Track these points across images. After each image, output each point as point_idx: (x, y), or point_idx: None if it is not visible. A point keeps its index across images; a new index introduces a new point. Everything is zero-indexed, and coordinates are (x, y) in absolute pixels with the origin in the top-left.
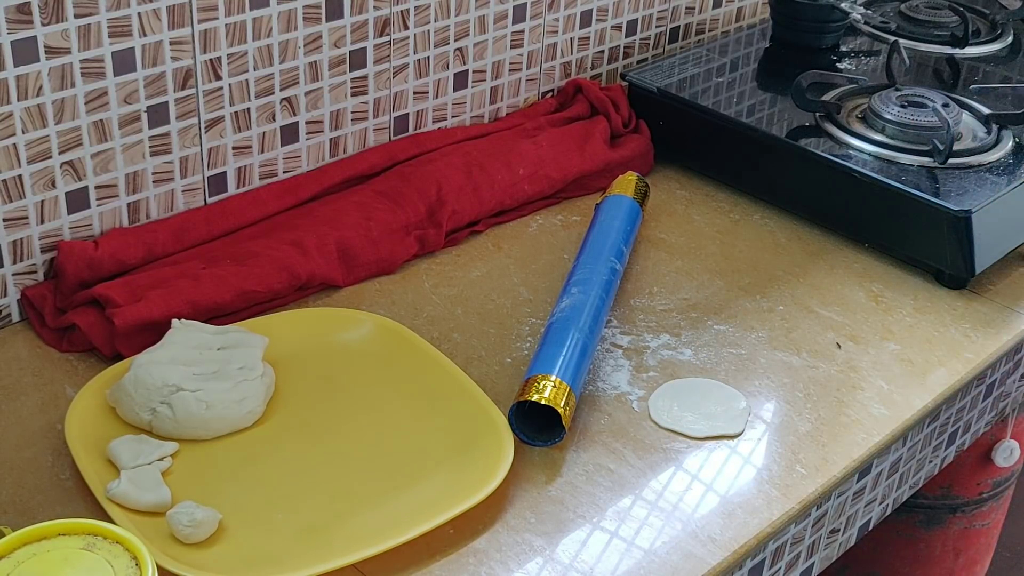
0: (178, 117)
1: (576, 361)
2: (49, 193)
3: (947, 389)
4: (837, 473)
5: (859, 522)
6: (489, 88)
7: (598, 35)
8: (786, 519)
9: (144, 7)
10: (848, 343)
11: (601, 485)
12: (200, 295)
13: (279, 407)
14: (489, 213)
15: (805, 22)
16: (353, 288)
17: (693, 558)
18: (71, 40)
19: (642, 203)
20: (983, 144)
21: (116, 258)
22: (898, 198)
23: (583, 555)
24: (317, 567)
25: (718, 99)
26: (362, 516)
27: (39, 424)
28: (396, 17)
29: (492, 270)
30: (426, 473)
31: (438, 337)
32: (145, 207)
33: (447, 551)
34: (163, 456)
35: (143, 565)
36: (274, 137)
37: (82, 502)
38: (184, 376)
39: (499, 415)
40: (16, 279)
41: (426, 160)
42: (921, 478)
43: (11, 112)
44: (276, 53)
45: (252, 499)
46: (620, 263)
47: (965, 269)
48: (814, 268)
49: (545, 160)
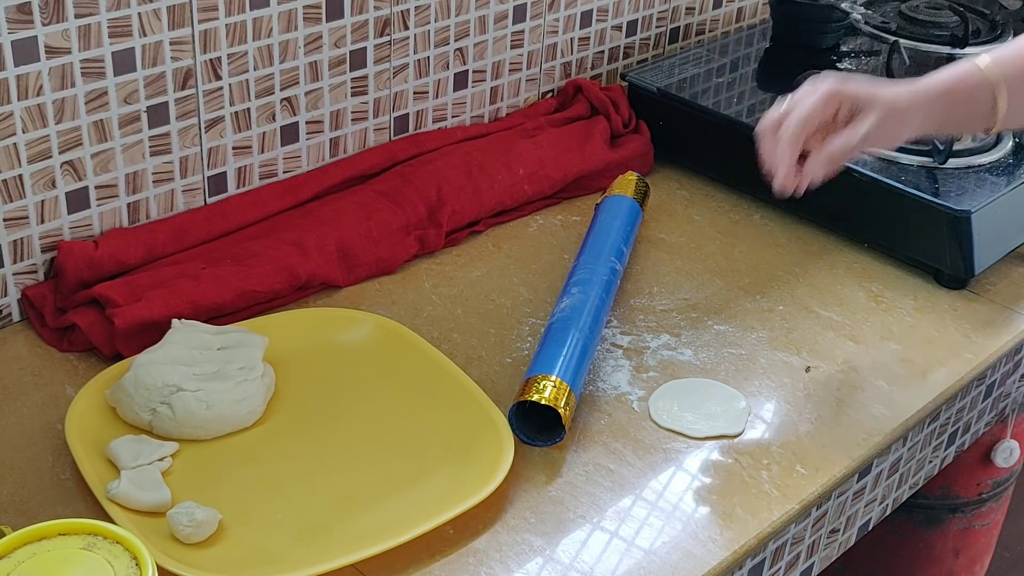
0: (178, 117)
1: (576, 361)
2: (49, 193)
3: (947, 389)
4: (837, 473)
5: (859, 522)
6: (489, 88)
7: (598, 35)
8: (786, 519)
9: (144, 7)
10: (848, 343)
11: (601, 485)
12: (200, 295)
13: (279, 407)
14: (489, 213)
15: (805, 22)
16: (353, 288)
17: (693, 558)
18: (71, 40)
19: (642, 203)
20: (983, 144)
21: (116, 258)
22: (898, 198)
23: (583, 555)
24: (317, 567)
25: (718, 99)
26: (362, 516)
27: (39, 424)
28: (396, 17)
29: (492, 270)
30: (426, 473)
31: (438, 337)
32: (145, 207)
33: (447, 551)
34: (163, 456)
35: (143, 565)
36: (274, 137)
37: (82, 502)
38: (184, 376)
39: (499, 415)
40: (16, 279)
41: (426, 160)
42: (921, 478)
43: (11, 112)
44: (276, 53)
45: (252, 499)
46: (620, 263)
47: (965, 269)
48: (814, 268)
49: (545, 160)
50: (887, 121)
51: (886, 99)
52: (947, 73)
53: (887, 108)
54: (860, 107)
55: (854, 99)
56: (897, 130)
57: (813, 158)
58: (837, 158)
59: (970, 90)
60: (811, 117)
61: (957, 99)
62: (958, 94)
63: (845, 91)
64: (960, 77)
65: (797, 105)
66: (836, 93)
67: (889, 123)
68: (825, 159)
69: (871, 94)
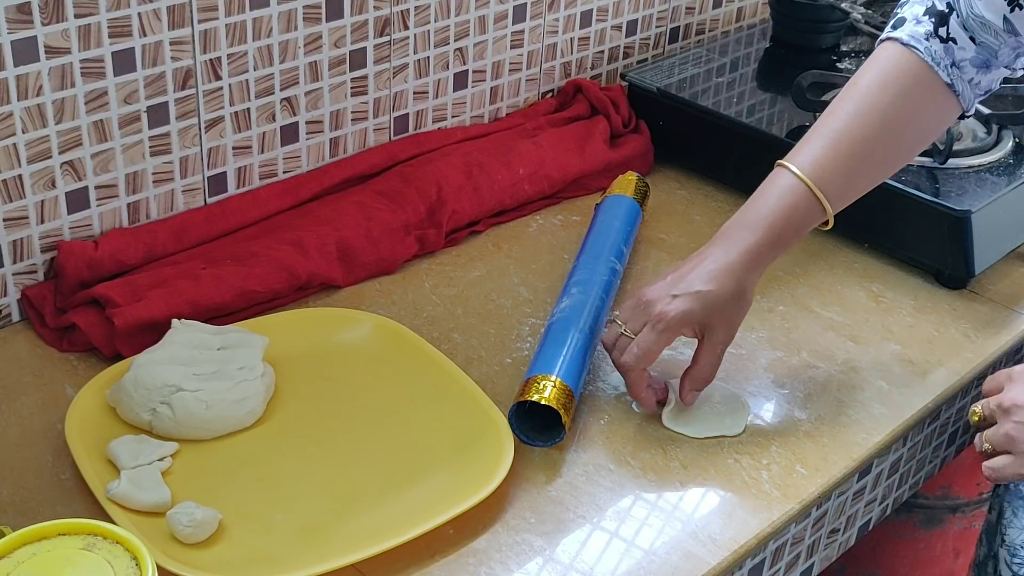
0: (178, 117)
1: (576, 361)
2: (49, 193)
3: (947, 389)
4: (837, 473)
5: (859, 522)
6: (489, 88)
7: (598, 35)
8: (786, 519)
9: (144, 7)
10: (848, 343)
11: (601, 485)
12: (200, 295)
13: (279, 407)
14: (489, 213)
15: (805, 22)
16: (353, 288)
17: (693, 558)
18: (71, 40)
19: (642, 203)
20: (983, 144)
21: (116, 258)
22: (898, 198)
23: (583, 555)
24: (317, 567)
25: (718, 99)
26: (362, 516)
27: (39, 424)
28: (396, 17)
29: (492, 270)
30: (426, 473)
31: (438, 337)
32: (145, 207)
33: (447, 551)
34: (163, 456)
35: (143, 565)
36: (274, 137)
37: (82, 502)
38: (184, 376)
39: (499, 415)
40: (16, 279)
41: (426, 160)
42: (921, 478)
43: (11, 112)
44: (276, 53)
45: (252, 499)
46: (620, 263)
47: (965, 269)
48: (814, 268)
49: (545, 160)
50: (736, 312)
51: (718, 302)
52: (770, 205)
53: (726, 312)
54: (704, 325)
55: (694, 326)
56: (745, 303)
57: (683, 387)
58: (701, 385)
59: (803, 216)
60: (649, 357)
61: (793, 229)
62: (793, 224)
63: (680, 331)
64: (789, 205)
65: (638, 347)
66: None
67: (738, 310)
68: (689, 391)
69: (707, 314)
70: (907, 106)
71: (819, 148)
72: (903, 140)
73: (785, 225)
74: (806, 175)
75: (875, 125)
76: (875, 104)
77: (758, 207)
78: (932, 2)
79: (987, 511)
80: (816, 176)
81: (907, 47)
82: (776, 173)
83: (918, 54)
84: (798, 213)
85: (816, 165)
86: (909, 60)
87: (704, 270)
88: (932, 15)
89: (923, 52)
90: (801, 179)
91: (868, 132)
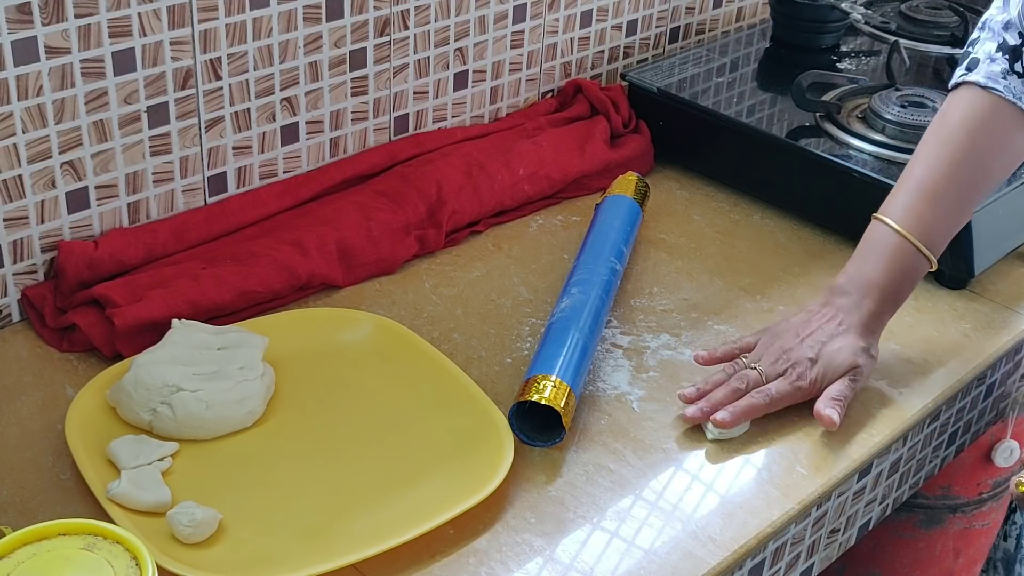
0: (178, 117)
1: (576, 361)
2: (49, 193)
3: (947, 389)
4: (837, 473)
5: (859, 522)
6: (489, 88)
7: (598, 35)
8: (786, 519)
9: (144, 7)
10: None
11: (601, 485)
12: (200, 295)
13: (279, 407)
14: (489, 213)
15: (805, 22)
16: (353, 288)
17: (693, 558)
18: (71, 40)
19: (642, 203)
20: None
21: (116, 258)
22: None
23: (583, 555)
24: (317, 567)
25: (718, 99)
26: (362, 516)
27: (39, 424)
28: (396, 17)
29: (492, 270)
30: (426, 473)
31: (438, 337)
32: (145, 207)
33: (447, 551)
34: (163, 456)
35: (143, 565)
36: (274, 137)
37: (82, 502)
38: (184, 376)
39: (499, 415)
40: (16, 279)
41: (426, 160)
42: (921, 478)
43: (11, 112)
44: (276, 53)
45: (252, 499)
46: (620, 263)
47: (965, 269)
48: (814, 268)
49: (545, 160)
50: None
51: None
52: (882, 265)
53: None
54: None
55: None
56: (873, 363)
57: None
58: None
59: (910, 268)
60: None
61: (908, 286)
62: (905, 278)
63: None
64: (899, 262)
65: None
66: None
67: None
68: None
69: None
70: (994, 146)
71: (916, 201)
72: (994, 178)
73: (900, 288)
74: (907, 231)
75: (969, 171)
76: (967, 152)
77: (867, 271)
78: (1003, 38)
79: (1001, 537)
80: (920, 232)
81: (986, 89)
82: (875, 227)
83: (999, 95)
84: (908, 271)
85: (919, 219)
86: (992, 102)
87: (837, 343)
88: (1005, 51)
89: (1003, 91)
90: (902, 236)
91: (962, 179)
